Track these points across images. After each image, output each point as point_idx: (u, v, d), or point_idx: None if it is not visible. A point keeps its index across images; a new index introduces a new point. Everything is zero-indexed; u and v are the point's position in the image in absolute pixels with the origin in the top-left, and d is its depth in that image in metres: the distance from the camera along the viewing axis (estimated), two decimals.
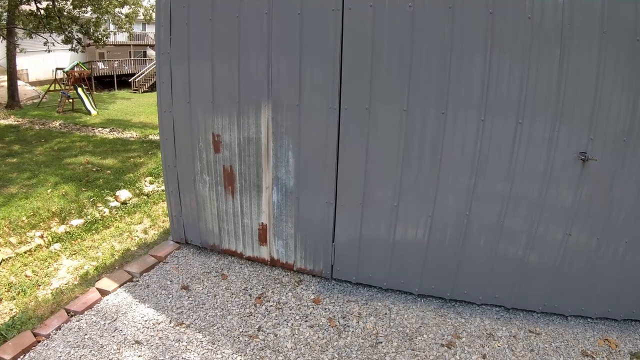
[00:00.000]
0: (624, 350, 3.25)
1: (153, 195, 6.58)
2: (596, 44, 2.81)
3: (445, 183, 3.23)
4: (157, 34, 3.80)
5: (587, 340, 3.32)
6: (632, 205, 3.09)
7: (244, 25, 3.43)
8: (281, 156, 3.59)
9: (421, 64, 3.06)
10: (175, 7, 3.64)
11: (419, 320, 3.39)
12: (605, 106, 2.91)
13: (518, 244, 3.30)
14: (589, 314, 3.47)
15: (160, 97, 3.89)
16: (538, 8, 2.83)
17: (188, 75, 3.70)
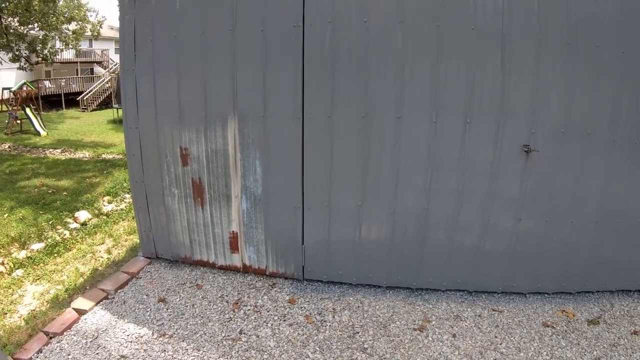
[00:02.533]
0: (581, 318, 3.64)
1: (113, 215, 6.46)
2: (532, 48, 3.19)
3: (404, 182, 3.48)
4: (121, 50, 3.82)
5: (546, 313, 3.68)
6: (573, 189, 3.49)
7: (209, 41, 3.54)
8: (249, 166, 3.70)
9: (377, 73, 3.30)
10: (139, 23, 3.69)
11: (390, 309, 3.59)
12: (544, 102, 3.29)
13: (474, 232, 3.60)
14: (546, 290, 3.85)
15: (126, 113, 3.90)
16: (481, 18, 3.16)
17: (154, 91, 3.75)
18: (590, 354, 3.19)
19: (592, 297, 3.98)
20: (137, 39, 3.75)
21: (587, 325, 3.56)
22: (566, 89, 3.29)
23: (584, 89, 3.33)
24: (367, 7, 3.30)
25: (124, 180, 8.14)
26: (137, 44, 3.75)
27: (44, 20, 13.34)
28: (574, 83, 3.30)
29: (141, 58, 3.77)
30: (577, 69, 3.28)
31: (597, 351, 3.24)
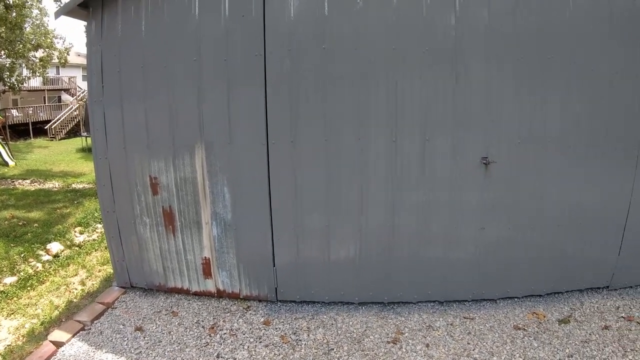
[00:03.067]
0: (552, 319, 3.89)
1: (85, 246, 6.51)
2: (484, 65, 3.53)
3: (368, 200, 3.72)
4: (89, 81, 3.99)
5: (517, 316, 3.92)
6: (534, 195, 3.81)
7: (175, 72, 3.75)
8: (217, 192, 3.88)
9: (337, 97, 3.57)
10: (106, 55, 3.88)
11: (364, 325, 3.77)
12: (499, 116, 3.61)
13: (440, 244, 3.85)
14: (515, 294, 4.10)
15: (95, 143, 4.05)
16: (434, 39, 3.48)
17: (122, 121, 3.91)
18: (562, 352, 3.43)
19: (562, 297, 4.26)
20: (105, 70, 3.92)
21: (558, 325, 3.82)
22: (519, 101, 3.63)
23: (537, 101, 3.67)
24: (325, 35, 3.56)
25: (95, 210, 8.18)
26: (105, 75, 3.92)
27: (10, 47, 13.35)
28: (526, 95, 3.64)
29: (109, 89, 3.94)
30: (529, 82, 3.63)
31: (569, 349, 3.49)
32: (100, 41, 3.91)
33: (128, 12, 3.82)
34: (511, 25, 3.54)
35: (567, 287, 4.23)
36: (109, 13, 3.85)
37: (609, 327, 3.81)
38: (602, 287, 4.41)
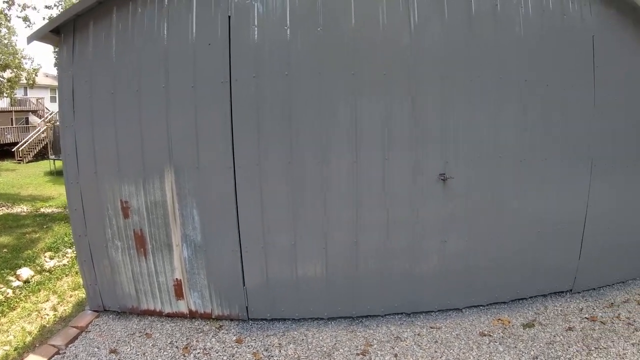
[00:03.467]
0: (517, 324, 4.20)
1: (55, 271, 6.56)
2: (440, 88, 3.89)
3: (332, 219, 3.99)
4: (60, 107, 4.17)
5: (482, 323, 4.21)
6: (491, 207, 4.17)
7: (144, 98, 3.97)
8: (187, 215, 4.08)
9: (300, 121, 3.85)
10: (77, 81, 4.07)
11: (333, 339, 3.99)
12: (454, 134, 3.95)
13: (404, 258, 4.14)
14: (480, 302, 4.41)
15: (67, 168, 4.20)
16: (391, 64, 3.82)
17: (93, 147, 4.08)
18: (527, 355, 3.72)
19: (526, 302, 4.60)
20: (76, 96, 4.10)
21: (522, 329, 4.12)
22: (474, 120, 4.00)
23: (491, 118, 4.06)
24: (289, 62, 3.85)
25: (65, 234, 8.21)
26: (76, 100, 4.10)
27: None
28: (481, 114, 4.02)
29: (80, 114, 4.11)
30: (482, 101, 4.03)
31: (534, 351, 3.78)
32: (71, 66, 4.09)
33: (99, 39, 4.03)
34: (464, 48, 3.91)
35: (531, 293, 4.58)
36: (81, 39, 4.05)
37: (573, 328, 4.16)
38: (566, 290, 4.80)
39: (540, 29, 4.19)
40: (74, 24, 4.04)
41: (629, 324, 4.24)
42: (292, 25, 3.83)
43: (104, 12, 4.00)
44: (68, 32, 4.08)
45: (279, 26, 3.83)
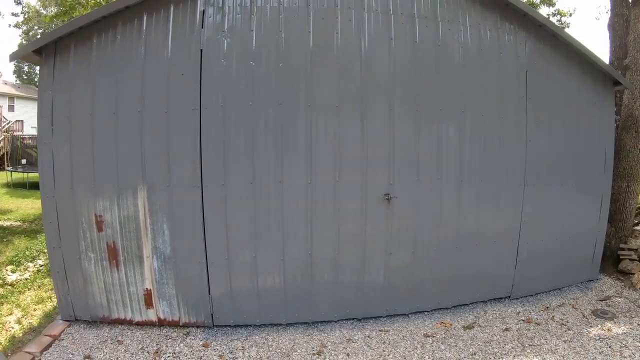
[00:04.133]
0: (458, 326, 4.94)
1: (18, 285, 6.79)
2: (387, 116, 4.65)
3: (289, 234, 4.66)
4: (39, 124, 4.63)
5: (427, 326, 4.93)
6: (432, 223, 4.93)
7: (120, 120, 4.52)
8: (158, 229, 4.62)
9: (261, 145, 4.49)
10: (57, 101, 4.55)
11: (292, 341, 4.59)
12: (399, 157, 4.71)
13: (354, 269, 4.81)
14: (425, 308, 5.14)
15: (43, 182, 4.66)
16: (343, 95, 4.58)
17: (70, 163, 4.57)
18: (466, 352, 4.43)
19: (467, 308, 5.38)
20: (55, 115, 4.57)
21: (463, 331, 4.86)
22: (417, 144, 4.79)
23: (433, 143, 4.87)
24: (253, 93, 4.51)
25: (26, 248, 8.43)
26: (55, 119, 4.58)
27: None
28: (423, 139, 4.80)
29: (58, 132, 4.59)
30: (425, 129, 4.83)
31: (472, 348, 4.49)
32: (51, 86, 4.57)
33: (79, 62, 4.55)
34: (408, 83, 4.74)
35: (471, 300, 5.35)
36: (61, 60, 4.56)
37: (510, 328, 4.93)
38: (504, 297, 5.62)
39: (478, 65, 5.04)
40: (55, 46, 4.54)
41: (562, 324, 5.06)
42: (257, 61, 4.50)
43: (85, 36, 4.53)
44: (49, 53, 4.56)
45: (245, 61, 4.49)
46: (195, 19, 4.48)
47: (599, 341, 4.67)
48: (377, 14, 4.72)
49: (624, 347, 4.52)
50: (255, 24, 4.51)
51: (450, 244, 5.10)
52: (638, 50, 6.95)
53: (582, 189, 5.94)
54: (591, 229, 6.16)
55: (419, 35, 4.83)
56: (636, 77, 6.90)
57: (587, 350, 4.47)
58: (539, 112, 5.43)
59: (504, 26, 5.27)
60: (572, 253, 5.99)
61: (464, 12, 5.05)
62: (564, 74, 5.63)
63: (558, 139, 5.61)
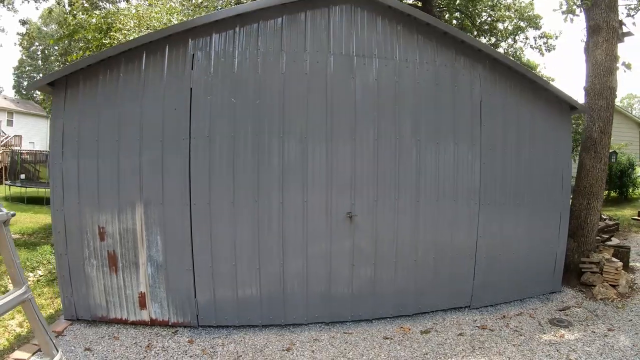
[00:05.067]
0: (416, 331, 5.92)
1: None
2: (350, 143, 5.76)
3: (264, 249, 5.76)
4: (51, 147, 5.75)
5: (387, 330, 5.93)
6: (392, 238, 5.99)
7: (122, 146, 5.63)
8: (152, 240, 5.69)
9: (241, 170, 5.60)
10: (67, 128, 5.67)
11: (265, 339, 5.63)
12: (360, 180, 5.80)
13: (322, 280, 5.87)
14: (387, 315, 6.15)
15: (54, 198, 5.76)
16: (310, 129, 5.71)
17: (77, 182, 5.67)
18: (419, 351, 5.40)
19: (428, 316, 6.38)
20: (65, 139, 5.68)
21: (420, 335, 5.85)
22: (375, 167, 5.88)
23: (390, 168, 5.96)
24: (235, 125, 5.65)
25: (27, 259, 9.45)
26: (65, 143, 5.68)
27: None
28: (383, 164, 5.91)
29: (68, 154, 5.70)
30: (384, 155, 5.94)
31: (425, 349, 5.45)
32: (62, 115, 5.70)
33: (87, 94, 5.68)
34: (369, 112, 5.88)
35: (432, 308, 6.37)
36: (71, 93, 5.68)
37: (464, 333, 5.91)
38: (464, 306, 6.62)
39: (433, 97, 6.16)
40: (66, 80, 5.69)
41: (515, 331, 6.02)
42: (237, 98, 5.64)
43: (92, 72, 5.67)
44: (61, 86, 5.70)
45: (228, 98, 5.64)
46: (186, 61, 5.63)
47: (549, 346, 5.57)
48: (341, 56, 5.87)
49: (571, 351, 5.36)
50: (236, 66, 5.67)
51: (408, 258, 6.15)
52: (596, 76, 8.04)
53: (540, 207, 6.98)
54: (551, 244, 7.18)
55: (378, 73, 5.96)
56: (594, 102, 7.99)
57: (534, 353, 5.37)
58: (492, 138, 6.51)
59: (460, 61, 6.38)
60: (532, 267, 7.00)
61: (421, 51, 6.18)
62: (518, 102, 6.73)
63: (512, 161, 6.69)
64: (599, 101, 7.93)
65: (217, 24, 5.65)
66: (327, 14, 5.90)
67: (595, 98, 8.00)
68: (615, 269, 7.55)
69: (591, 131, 7.99)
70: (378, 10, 6.05)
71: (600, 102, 7.92)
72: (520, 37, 19.64)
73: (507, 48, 20.17)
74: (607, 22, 7.92)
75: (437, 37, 6.27)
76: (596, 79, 8.02)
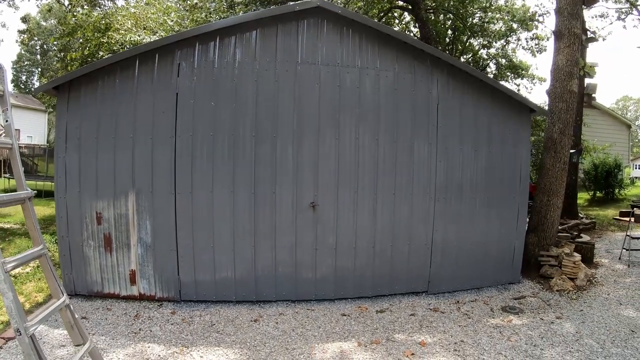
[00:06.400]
0: (372, 310, 7.19)
1: (20, 277, 9.09)
2: (314, 142, 7.14)
3: (238, 237, 7.14)
4: (56, 143, 7.19)
5: (346, 308, 7.23)
6: (352, 226, 7.35)
7: (118, 142, 7.03)
8: (142, 224, 7.09)
9: (218, 164, 6.96)
10: (70, 125, 7.08)
11: (237, 312, 7.00)
12: (322, 174, 7.15)
13: (288, 264, 7.27)
14: (348, 296, 7.51)
15: (57, 186, 7.17)
16: (279, 128, 7.10)
17: (78, 173, 7.07)
18: (371, 327, 6.63)
19: (386, 298, 7.68)
20: (68, 136, 7.08)
21: (375, 313, 7.12)
22: (336, 164, 7.24)
23: (350, 162, 7.30)
24: (214, 125, 7.02)
25: (27, 247, 10.77)
26: (68, 140, 7.08)
27: None
28: (342, 160, 7.26)
29: (70, 149, 7.09)
30: (345, 152, 7.27)
31: (376, 325, 6.68)
32: (66, 115, 7.11)
33: (87, 97, 7.08)
34: (334, 114, 7.26)
35: (390, 292, 7.70)
36: (74, 96, 7.08)
37: (416, 314, 7.15)
38: (422, 292, 7.91)
39: (392, 101, 7.48)
40: (69, 84, 7.11)
41: (465, 314, 7.20)
42: (216, 102, 7.02)
43: (92, 78, 7.08)
44: (64, 89, 7.12)
45: (209, 102, 7.02)
46: (173, 70, 7.02)
47: (493, 328, 6.51)
48: (308, 65, 7.23)
49: (514, 334, 6.29)
50: (215, 74, 7.05)
51: (366, 244, 7.50)
52: (557, 79, 9.26)
53: (497, 202, 8.24)
54: (508, 237, 8.43)
55: (341, 80, 7.31)
56: (555, 104, 9.21)
57: (477, 333, 6.36)
58: (448, 138, 7.80)
59: (419, 67, 7.68)
60: (490, 258, 8.27)
61: (382, 59, 7.49)
62: (475, 105, 7.99)
63: (470, 159, 7.96)
64: (560, 104, 9.14)
65: (199, 37, 7.04)
66: (296, 27, 7.26)
67: (556, 101, 9.21)
68: (573, 263, 8.62)
69: (552, 132, 9.20)
70: (342, 23, 7.39)
71: (560, 105, 9.13)
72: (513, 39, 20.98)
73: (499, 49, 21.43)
74: (569, 29, 9.13)
75: (397, 47, 7.58)
76: (557, 83, 9.23)
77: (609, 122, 23.45)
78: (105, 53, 12.84)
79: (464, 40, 21.80)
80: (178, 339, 6.09)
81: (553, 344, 6.02)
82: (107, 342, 5.93)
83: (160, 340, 6.03)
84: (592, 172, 17.87)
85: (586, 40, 9.39)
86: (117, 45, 12.63)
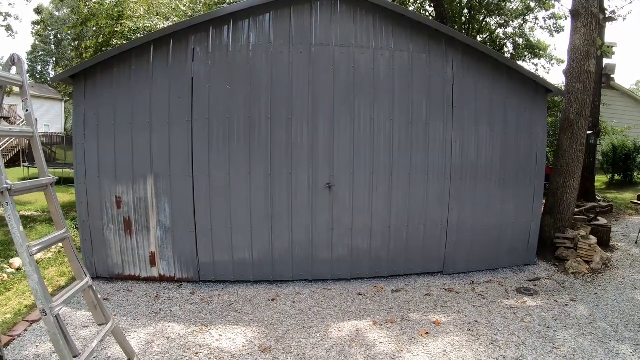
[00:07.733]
0: (388, 290, 7.33)
1: (43, 262, 9.33)
2: (329, 125, 7.20)
3: (255, 211, 7.25)
4: (74, 130, 7.35)
5: (362, 288, 7.38)
6: (367, 207, 7.48)
7: (135, 128, 7.19)
8: (161, 207, 7.25)
9: (235, 147, 7.11)
10: (88, 112, 7.24)
11: (255, 292, 7.17)
12: (338, 154, 7.27)
13: (305, 245, 7.41)
14: (363, 276, 7.66)
15: (77, 172, 7.36)
16: (294, 110, 7.19)
17: (97, 159, 7.25)
18: (386, 306, 6.77)
19: (401, 278, 7.82)
20: (86, 123, 7.24)
21: (391, 293, 7.26)
22: (351, 144, 7.34)
23: (366, 145, 7.40)
24: (230, 108, 7.14)
25: (48, 233, 11.12)
26: (86, 127, 7.25)
27: None
28: (359, 142, 7.37)
29: (89, 136, 7.26)
30: (360, 133, 7.37)
31: (392, 304, 6.82)
32: (83, 102, 7.26)
33: (103, 84, 7.23)
34: (347, 96, 7.34)
35: (405, 271, 7.82)
36: (90, 83, 7.23)
37: (430, 294, 7.27)
38: (437, 272, 8.02)
39: (406, 81, 7.52)
40: (85, 73, 7.25)
41: (480, 295, 7.29)
42: (232, 85, 7.12)
43: (107, 65, 7.21)
44: (80, 78, 7.28)
45: (224, 85, 7.12)
46: (188, 54, 7.13)
47: (507, 309, 6.57)
48: (322, 46, 7.28)
49: (527, 315, 6.34)
50: (230, 57, 7.15)
51: (382, 224, 7.60)
52: (574, 59, 9.19)
53: (513, 184, 8.26)
54: (524, 218, 8.44)
55: (355, 61, 7.35)
56: (572, 85, 9.15)
57: (491, 314, 6.46)
58: (464, 118, 7.82)
59: (433, 47, 7.69)
60: (506, 239, 8.31)
61: (396, 39, 7.52)
62: (491, 85, 7.98)
63: (485, 140, 7.98)
64: (577, 84, 9.08)
65: (213, 21, 7.13)
66: (309, 8, 7.30)
67: (573, 81, 9.15)
68: (589, 246, 8.62)
69: (568, 113, 9.16)
70: (355, 4, 7.42)
71: (577, 85, 9.07)
72: (530, 18, 20.68)
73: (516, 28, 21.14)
74: (586, 7, 9.04)
75: (411, 27, 7.59)
76: (574, 63, 9.17)
77: (628, 103, 23.04)
78: (119, 40, 13.01)
79: (480, 20, 21.50)
80: (197, 318, 6.27)
81: (566, 326, 6.07)
82: (128, 322, 6.13)
83: (180, 320, 6.22)
84: (611, 155, 17.67)
85: (604, 20, 9.25)
86: (131, 33, 12.79)
